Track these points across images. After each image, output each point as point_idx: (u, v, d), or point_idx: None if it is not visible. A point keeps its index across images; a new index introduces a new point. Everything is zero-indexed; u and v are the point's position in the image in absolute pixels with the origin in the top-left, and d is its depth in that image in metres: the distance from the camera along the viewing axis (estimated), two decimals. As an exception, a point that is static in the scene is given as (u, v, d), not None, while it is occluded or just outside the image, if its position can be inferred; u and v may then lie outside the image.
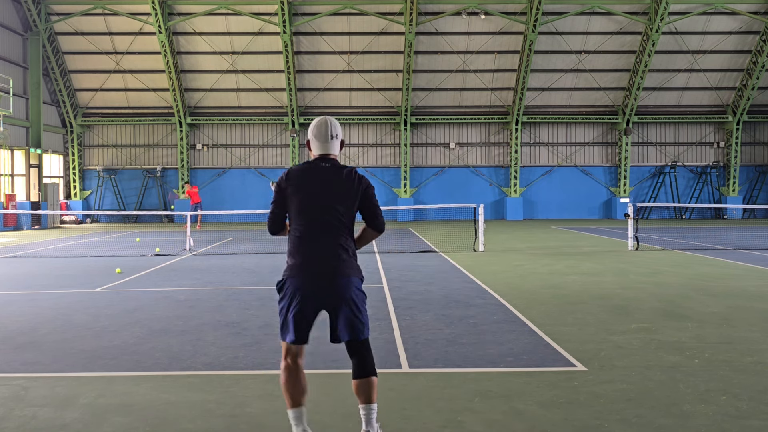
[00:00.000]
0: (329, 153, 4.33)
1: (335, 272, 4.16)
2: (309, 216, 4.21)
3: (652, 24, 31.91)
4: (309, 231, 4.20)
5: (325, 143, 4.32)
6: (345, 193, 4.22)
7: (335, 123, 4.37)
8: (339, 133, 4.38)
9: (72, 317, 9.05)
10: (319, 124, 4.34)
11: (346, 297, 4.18)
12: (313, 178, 4.24)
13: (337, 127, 4.36)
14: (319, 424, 4.98)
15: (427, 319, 8.69)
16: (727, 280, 12.18)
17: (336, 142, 4.36)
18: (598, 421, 4.96)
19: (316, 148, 4.34)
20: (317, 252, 4.17)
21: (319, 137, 4.32)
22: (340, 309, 4.20)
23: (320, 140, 4.32)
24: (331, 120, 4.35)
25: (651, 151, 36.66)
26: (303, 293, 4.19)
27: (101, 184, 35.55)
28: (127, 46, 33.33)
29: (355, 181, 4.25)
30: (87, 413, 5.23)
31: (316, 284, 4.17)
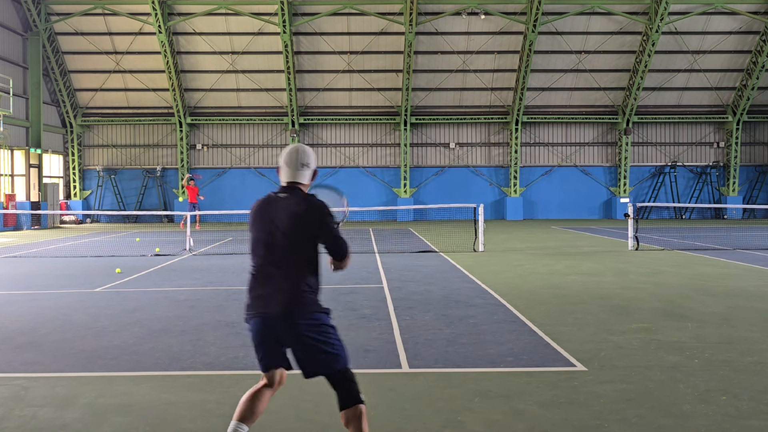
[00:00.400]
0: (296, 181, 4.14)
1: (286, 312, 3.92)
2: (261, 252, 4.05)
3: (652, 24, 31.91)
4: (261, 269, 4.05)
5: (293, 171, 4.14)
6: (299, 225, 3.98)
7: (308, 152, 4.20)
8: (310, 163, 4.19)
9: (72, 317, 9.05)
10: (290, 151, 4.18)
11: (303, 335, 3.93)
12: (268, 211, 4.07)
13: (308, 155, 4.19)
14: (319, 424, 4.98)
15: (427, 319, 8.69)
16: (727, 280, 12.18)
17: (305, 171, 4.16)
18: (598, 421, 4.96)
19: (284, 175, 4.16)
20: (267, 291, 3.99)
21: (288, 164, 4.15)
22: (299, 347, 3.97)
23: (289, 167, 4.14)
24: (304, 149, 4.20)
25: (651, 151, 36.66)
26: (260, 337, 4.02)
27: (101, 184, 35.55)
28: (127, 46, 33.33)
29: (310, 212, 4.02)
30: (87, 413, 5.23)
31: (270, 326, 3.97)
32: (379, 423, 4.98)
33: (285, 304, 3.93)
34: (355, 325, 8.34)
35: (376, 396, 5.58)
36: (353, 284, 11.90)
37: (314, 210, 4.04)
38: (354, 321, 8.63)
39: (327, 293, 10.90)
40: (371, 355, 6.92)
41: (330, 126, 35.83)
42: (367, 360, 6.73)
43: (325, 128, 35.87)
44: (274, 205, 4.08)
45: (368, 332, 7.96)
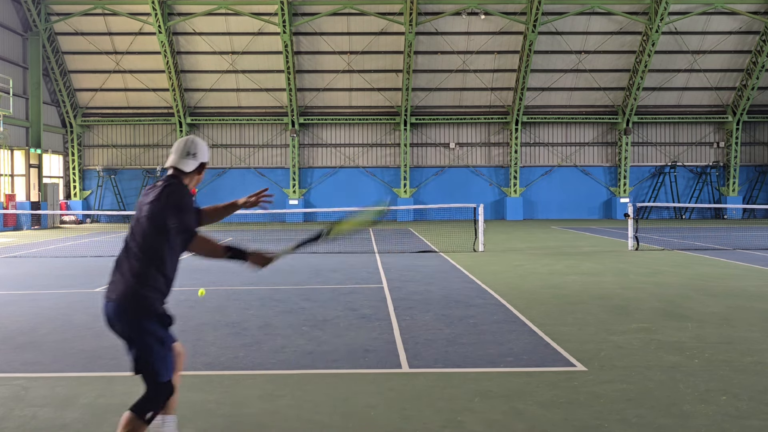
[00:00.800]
0: (178, 167, 4.01)
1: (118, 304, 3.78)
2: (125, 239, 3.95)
3: (652, 24, 31.91)
4: (118, 256, 3.93)
5: (177, 158, 4.03)
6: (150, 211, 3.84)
7: (198, 144, 4.09)
8: (198, 154, 4.06)
9: (72, 317, 9.05)
10: (181, 139, 4.12)
11: (127, 333, 3.80)
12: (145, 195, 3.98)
13: (197, 146, 4.07)
14: (319, 424, 4.98)
15: (427, 319, 8.69)
16: (727, 280, 12.18)
17: (189, 161, 4.02)
18: (598, 421, 4.96)
19: (169, 160, 4.09)
20: (113, 277, 3.86)
21: (175, 150, 4.07)
22: (128, 343, 3.84)
23: (175, 153, 4.06)
24: (196, 140, 4.11)
25: (651, 151, 36.66)
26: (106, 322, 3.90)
27: (101, 184, 35.55)
28: (127, 46, 33.33)
29: (162, 198, 3.85)
30: (87, 413, 5.23)
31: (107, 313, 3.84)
32: (379, 423, 4.98)
33: (118, 294, 3.78)
34: (355, 325, 8.34)
35: (377, 396, 5.58)
36: (353, 284, 11.90)
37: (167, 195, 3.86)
38: (354, 321, 8.63)
39: (327, 293, 10.90)
40: (371, 355, 6.92)
41: (330, 126, 35.83)
42: (367, 360, 6.73)
43: (325, 128, 35.87)
44: (145, 193, 4.01)
45: (368, 332, 7.95)
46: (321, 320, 8.68)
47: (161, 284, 3.86)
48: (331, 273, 13.42)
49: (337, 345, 7.32)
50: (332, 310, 9.41)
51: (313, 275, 13.04)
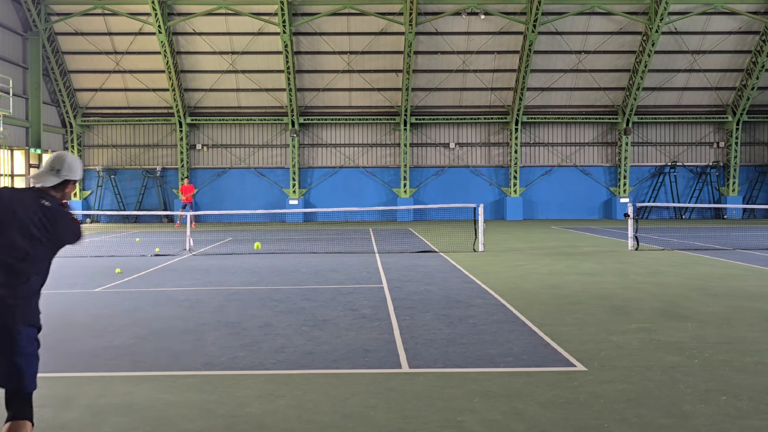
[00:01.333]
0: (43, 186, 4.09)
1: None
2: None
3: (652, 24, 31.91)
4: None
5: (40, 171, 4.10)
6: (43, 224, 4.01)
7: (67, 161, 4.11)
8: (63, 170, 4.09)
9: (72, 317, 9.05)
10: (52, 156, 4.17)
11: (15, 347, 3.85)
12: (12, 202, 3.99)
13: (63, 163, 4.09)
14: (319, 424, 4.98)
15: (427, 319, 8.69)
16: (727, 280, 12.18)
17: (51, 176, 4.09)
18: (598, 421, 4.96)
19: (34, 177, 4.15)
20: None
21: (43, 165, 4.13)
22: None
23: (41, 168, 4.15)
24: (66, 156, 4.12)
25: (651, 151, 36.66)
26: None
27: (101, 184, 35.53)
28: (127, 46, 33.31)
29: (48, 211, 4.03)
30: (87, 413, 5.23)
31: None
32: (379, 423, 4.98)
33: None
34: (355, 325, 8.34)
35: (377, 396, 5.58)
36: (353, 284, 11.90)
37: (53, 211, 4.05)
38: (354, 321, 8.63)
39: (327, 293, 10.90)
40: (371, 355, 6.92)
41: (330, 126, 35.83)
42: (367, 360, 6.73)
43: (325, 128, 35.87)
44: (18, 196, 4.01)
45: (368, 332, 7.95)
46: (321, 320, 8.68)
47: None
48: (331, 273, 13.42)
49: (337, 345, 7.32)
50: (332, 310, 9.41)
51: (313, 275, 13.04)
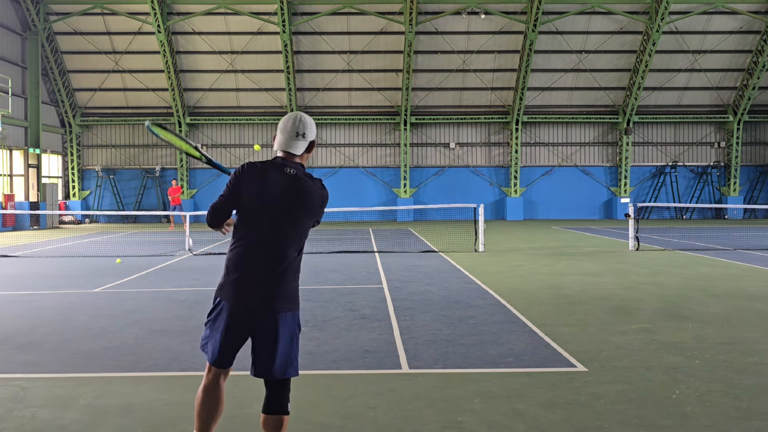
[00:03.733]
0: (291, 152, 3.82)
1: (274, 299, 3.69)
2: (261, 226, 3.70)
3: (652, 23, 31.90)
4: (255, 248, 3.70)
5: (288, 140, 3.81)
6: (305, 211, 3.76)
7: (307, 121, 3.86)
8: (308, 133, 3.84)
9: (71, 318, 9.03)
10: (287, 118, 3.86)
11: (279, 331, 3.70)
12: (272, 184, 3.73)
13: (307, 125, 3.85)
14: (319, 424, 4.96)
15: (427, 320, 8.68)
16: (727, 280, 12.17)
17: (301, 142, 3.82)
18: (598, 422, 4.94)
19: (279, 143, 3.83)
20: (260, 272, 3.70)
21: (283, 131, 3.83)
22: (268, 342, 3.73)
23: (284, 134, 3.82)
24: (303, 117, 3.85)
25: (651, 151, 36.64)
26: (234, 317, 3.73)
27: (100, 184, 35.53)
28: (126, 45, 33.30)
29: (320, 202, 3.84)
30: (86, 414, 5.21)
31: (249, 307, 3.71)
32: (379, 423, 4.96)
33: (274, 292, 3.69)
34: (355, 326, 8.32)
35: (377, 396, 5.56)
36: (353, 284, 11.88)
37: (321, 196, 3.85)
38: (354, 321, 8.61)
39: (326, 293, 10.89)
40: (371, 355, 6.90)
41: (330, 126, 35.82)
42: (367, 360, 6.71)
43: (325, 128, 35.85)
44: (277, 179, 3.75)
45: (368, 332, 7.94)
46: (321, 320, 8.66)
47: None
48: (331, 273, 13.40)
49: (337, 345, 7.31)
50: (332, 310, 9.39)
51: (313, 275, 13.02)
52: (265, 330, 3.72)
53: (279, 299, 3.70)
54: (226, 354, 3.81)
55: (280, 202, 3.70)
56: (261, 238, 3.71)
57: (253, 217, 3.73)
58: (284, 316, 3.72)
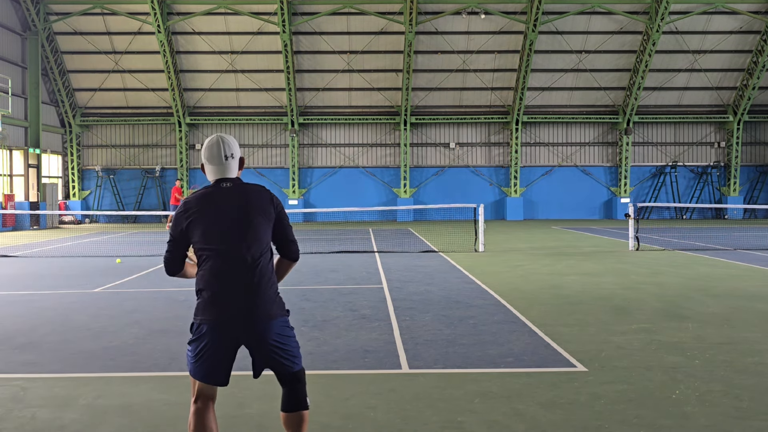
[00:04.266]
0: (226, 176, 3.76)
1: (253, 308, 3.59)
2: (218, 246, 3.63)
3: (652, 23, 31.89)
4: (220, 263, 3.62)
5: (219, 166, 3.75)
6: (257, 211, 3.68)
7: (229, 141, 3.80)
8: (236, 152, 3.79)
9: (71, 318, 9.03)
10: (210, 145, 3.77)
11: (266, 338, 3.63)
12: (216, 200, 3.68)
13: (231, 145, 3.79)
14: (319, 425, 4.96)
15: (427, 320, 8.67)
16: (727, 280, 12.16)
17: (232, 162, 3.77)
18: (598, 422, 4.94)
19: (211, 172, 3.77)
20: (232, 285, 3.61)
21: (211, 160, 3.76)
22: (260, 349, 3.67)
23: (213, 163, 3.76)
24: (225, 138, 3.80)
25: (652, 151, 36.64)
26: (217, 334, 3.60)
27: (100, 184, 35.52)
28: (126, 45, 33.29)
29: (267, 198, 3.75)
30: (86, 414, 5.21)
31: (232, 322, 3.59)
32: (379, 423, 4.96)
33: (253, 301, 3.59)
34: (355, 326, 8.32)
35: (377, 397, 5.56)
36: (353, 284, 11.88)
37: (272, 199, 3.77)
38: (354, 321, 8.61)
39: (326, 293, 10.88)
40: (371, 355, 6.90)
41: (330, 126, 35.82)
42: (367, 360, 6.71)
43: (325, 128, 35.85)
44: (220, 194, 3.71)
45: (368, 332, 7.93)
46: (321, 320, 8.66)
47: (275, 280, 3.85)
48: (331, 273, 13.39)
49: (337, 345, 7.30)
50: (332, 310, 9.39)
51: (313, 275, 13.02)
52: (257, 341, 3.65)
53: (259, 307, 3.61)
54: (219, 372, 3.68)
55: (227, 213, 3.67)
56: (221, 251, 3.64)
57: (207, 238, 3.66)
58: (272, 324, 3.64)
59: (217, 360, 3.63)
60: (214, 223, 3.65)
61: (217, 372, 3.66)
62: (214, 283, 3.63)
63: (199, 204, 3.70)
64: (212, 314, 3.60)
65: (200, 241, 3.68)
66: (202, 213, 3.68)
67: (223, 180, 3.77)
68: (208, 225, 3.66)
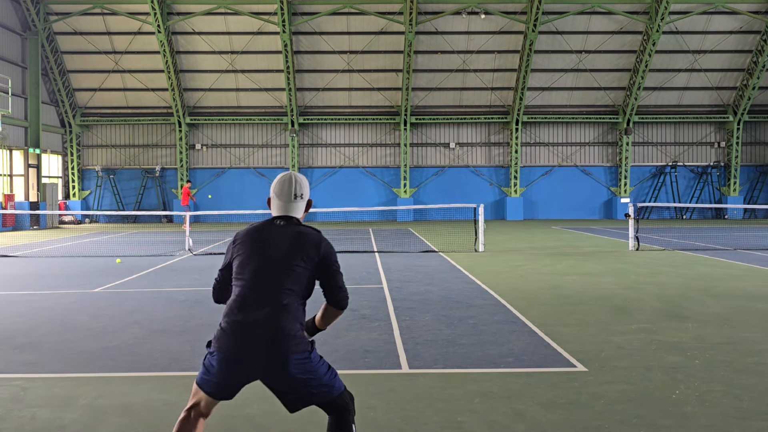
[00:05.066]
0: (290, 215, 3.71)
1: (269, 345, 3.45)
2: (249, 279, 3.57)
3: (652, 23, 31.89)
4: (246, 295, 3.54)
5: (286, 203, 3.71)
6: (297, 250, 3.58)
7: (302, 182, 3.75)
8: (305, 193, 3.75)
9: (71, 318, 9.03)
10: (282, 181, 3.73)
11: (285, 374, 3.47)
12: (264, 235, 3.65)
13: (303, 186, 3.74)
14: (319, 425, 4.96)
15: (427, 320, 8.67)
16: (727, 280, 12.16)
17: (300, 203, 3.72)
18: (598, 422, 4.94)
19: (276, 208, 3.72)
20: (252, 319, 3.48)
21: (280, 196, 3.71)
22: (285, 387, 3.54)
23: (281, 199, 3.71)
24: (299, 178, 3.75)
25: (652, 151, 36.64)
26: (229, 365, 3.48)
27: (100, 184, 35.52)
28: (126, 45, 33.29)
29: (313, 242, 3.62)
30: (86, 414, 5.21)
31: (244, 355, 3.46)
32: (379, 423, 4.96)
33: (275, 338, 3.47)
34: (355, 326, 8.32)
35: (377, 397, 5.56)
36: (353, 284, 11.88)
37: (320, 243, 3.65)
38: (354, 321, 8.61)
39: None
40: (371, 355, 6.90)
41: (330, 126, 35.82)
42: (367, 360, 6.71)
43: (325, 128, 35.85)
44: (270, 230, 3.68)
45: (368, 332, 7.93)
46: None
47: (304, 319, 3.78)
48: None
49: (336, 345, 7.30)
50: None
51: (313, 275, 12.99)
52: (276, 377, 3.51)
53: (276, 343, 3.46)
54: (226, 393, 3.60)
55: (268, 250, 3.61)
56: (251, 285, 3.57)
57: (242, 269, 3.62)
58: (290, 359, 3.47)
59: (225, 386, 3.56)
60: (253, 257, 3.60)
61: (224, 393, 3.59)
62: (236, 313, 3.53)
63: (247, 237, 3.68)
64: (225, 344, 3.49)
65: (236, 272, 3.64)
66: (246, 245, 3.65)
67: (280, 218, 3.70)
68: (246, 258, 3.62)
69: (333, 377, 3.63)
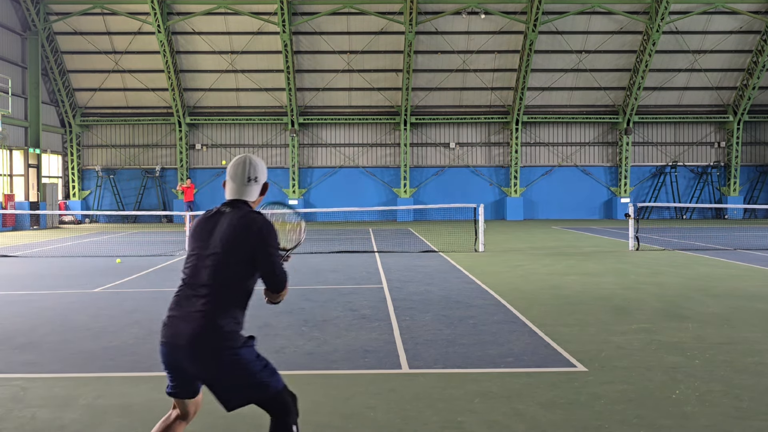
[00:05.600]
0: (244, 198, 3.64)
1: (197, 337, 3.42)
2: (188, 270, 3.56)
3: (652, 23, 31.89)
4: (184, 288, 3.55)
5: (240, 186, 3.64)
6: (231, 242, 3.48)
7: (257, 164, 3.69)
8: (260, 177, 3.68)
9: (71, 318, 9.03)
10: (236, 164, 3.67)
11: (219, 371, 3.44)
12: (208, 226, 3.60)
13: (258, 168, 3.68)
14: (319, 424, 4.96)
15: (427, 320, 8.67)
16: (727, 280, 12.16)
17: (254, 186, 3.66)
18: (598, 422, 4.94)
19: (230, 191, 3.67)
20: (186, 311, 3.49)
21: (234, 178, 3.66)
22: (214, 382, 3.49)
23: (235, 182, 3.66)
24: (253, 160, 3.69)
25: (652, 151, 36.64)
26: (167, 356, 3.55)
27: (100, 184, 35.52)
28: (126, 45, 33.29)
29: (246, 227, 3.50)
30: (86, 414, 5.21)
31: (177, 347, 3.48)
32: (379, 423, 4.96)
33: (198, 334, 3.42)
34: (355, 326, 8.32)
35: (377, 397, 5.56)
36: (353, 284, 11.88)
37: (252, 225, 3.51)
38: (354, 321, 8.61)
39: (327, 294, 10.89)
40: (371, 355, 6.90)
41: (330, 126, 35.82)
42: (367, 360, 6.71)
43: (325, 128, 35.85)
44: (215, 219, 3.61)
45: (368, 332, 7.93)
46: (321, 320, 8.66)
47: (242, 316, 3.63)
48: (331, 273, 13.39)
49: (336, 345, 7.30)
50: (332, 310, 9.39)
51: (313, 275, 13.02)
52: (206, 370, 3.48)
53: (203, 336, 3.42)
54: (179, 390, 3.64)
55: (207, 239, 3.56)
56: (189, 276, 3.57)
57: (186, 262, 3.63)
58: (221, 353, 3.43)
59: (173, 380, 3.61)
60: (194, 251, 3.59)
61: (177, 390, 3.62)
62: (173, 309, 3.58)
63: (195, 229, 3.67)
64: (164, 335, 3.54)
65: (183, 266, 3.68)
66: (193, 239, 3.65)
67: (230, 203, 3.64)
68: (190, 251, 3.64)
69: (269, 376, 3.53)
